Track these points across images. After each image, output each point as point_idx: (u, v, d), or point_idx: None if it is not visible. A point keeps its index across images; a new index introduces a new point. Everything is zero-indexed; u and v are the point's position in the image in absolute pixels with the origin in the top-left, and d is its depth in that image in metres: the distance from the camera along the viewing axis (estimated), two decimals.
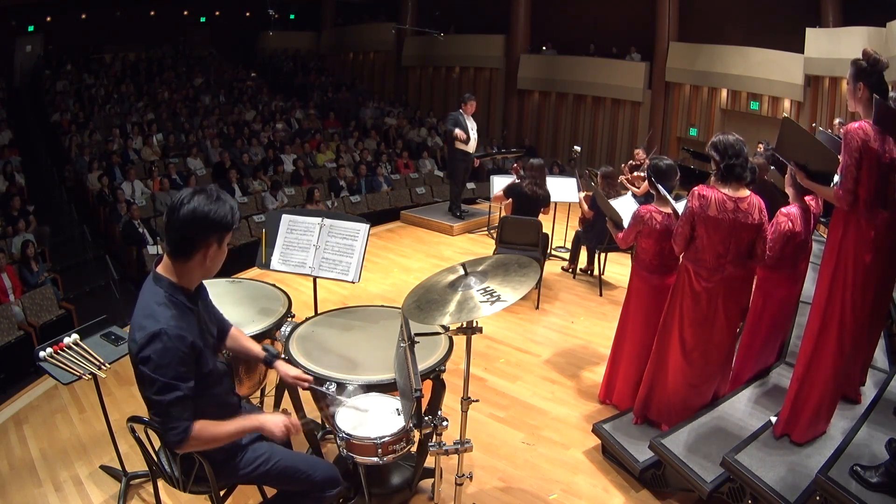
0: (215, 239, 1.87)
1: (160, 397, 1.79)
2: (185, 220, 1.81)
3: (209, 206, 1.83)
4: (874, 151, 2.37)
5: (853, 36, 9.91)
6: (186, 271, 1.90)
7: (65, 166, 10.69)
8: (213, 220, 1.83)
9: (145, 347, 1.79)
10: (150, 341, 1.78)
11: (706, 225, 2.87)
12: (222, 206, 1.85)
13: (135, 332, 1.83)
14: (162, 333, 1.78)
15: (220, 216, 1.84)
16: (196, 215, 1.81)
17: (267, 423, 2.03)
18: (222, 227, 1.86)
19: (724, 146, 2.83)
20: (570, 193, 6.58)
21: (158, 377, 1.78)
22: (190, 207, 1.81)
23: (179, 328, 1.83)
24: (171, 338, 1.79)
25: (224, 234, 1.89)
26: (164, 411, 1.80)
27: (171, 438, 1.83)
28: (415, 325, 2.27)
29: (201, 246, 1.85)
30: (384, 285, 5.84)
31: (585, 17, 14.38)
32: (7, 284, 6.51)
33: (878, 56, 2.35)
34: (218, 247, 1.89)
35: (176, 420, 1.81)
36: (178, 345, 1.80)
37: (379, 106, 16.05)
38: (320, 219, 3.48)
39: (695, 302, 3.02)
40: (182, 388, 1.81)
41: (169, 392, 1.79)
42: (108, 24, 16.36)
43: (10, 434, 3.47)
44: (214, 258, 1.90)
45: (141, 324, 1.82)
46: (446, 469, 2.83)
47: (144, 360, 1.79)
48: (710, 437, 2.98)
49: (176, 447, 1.86)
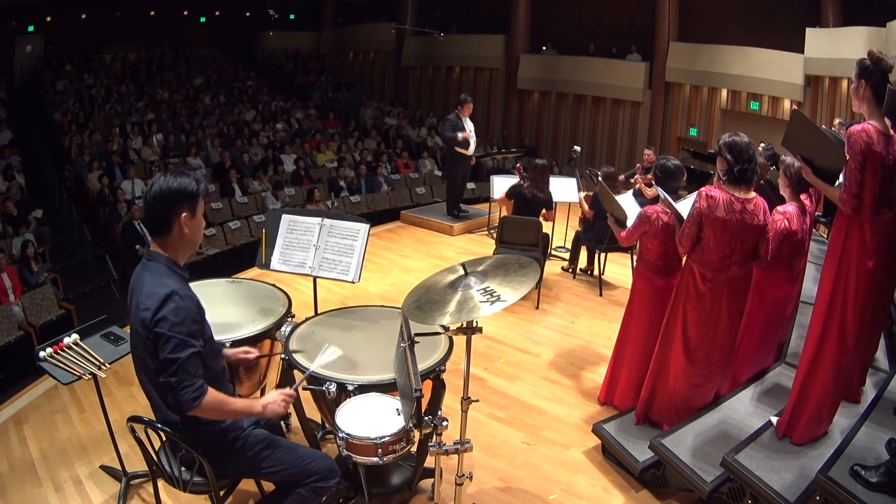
0: (186, 207, 1.99)
1: (177, 354, 1.87)
2: (155, 198, 1.97)
3: (172, 180, 1.98)
4: (878, 154, 2.36)
5: (853, 36, 9.91)
6: (171, 245, 2.03)
7: (65, 166, 10.69)
8: (176, 190, 1.97)
9: (160, 309, 1.89)
10: (164, 302, 1.90)
11: (714, 226, 2.87)
12: (184, 177, 2.00)
13: (145, 301, 1.92)
14: (174, 294, 1.91)
15: (184, 185, 1.98)
16: (162, 191, 1.96)
17: (269, 405, 2.11)
18: (188, 195, 1.98)
19: (740, 149, 2.81)
20: (570, 193, 6.58)
21: (174, 334, 1.88)
22: (157, 186, 1.97)
23: (187, 289, 1.98)
24: (182, 297, 1.93)
25: (194, 202, 2.00)
26: (181, 368, 1.88)
27: (188, 395, 1.89)
28: (415, 325, 2.27)
29: (174, 216, 1.98)
30: (384, 285, 5.84)
31: (585, 17, 14.37)
32: (7, 284, 6.51)
33: (883, 56, 2.35)
34: (191, 214, 2.01)
35: (192, 377, 1.89)
36: (189, 304, 1.95)
37: (379, 106, 16.04)
38: (320, 219, 3.48)
39: (699, 302, 3.02)
40: (196, 344, 1.92)
41: (185, 348, 1.89)
42: (108, 24, 16.34)
43: (10, 434, 3.47)
44: (192, 227, 2.03)
45: (151, 291, 1.93)
46: (446, 469, 2.83)
47: (160, 320, 1.89)
48: (710, 437, 2.98)
49: (190, 405, 1.91)
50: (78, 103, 12.80)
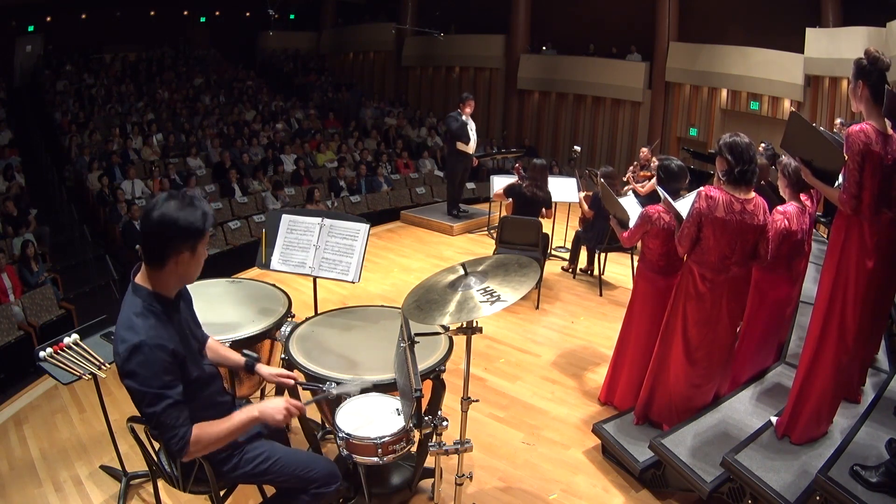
0: (187, 246, 1.80)
1: (152, 409, 1.77)
2: (154, 226, 1.76)
3: (178, 213, 1.76)
4: (876, 154, 2.36)
5: (853, 36, 9.91)
6: (162, 278, 1.85)
7: (65, 166, 10.69)
8: (181, 227, 1.76)
9: (128, 361, 1.76)
10: (132, 354, 1.76)
11: (713, 226, 2.87)
12: (193, 211, 1.78)
13: (118, 345, 1.80)
14: (142, 345, 1.75)
15: (189, 222, 1.77)
16: (164, 221, 1.75)
17: (266, 410, 2.00)
18: (192, 234, 1.79)
19: (740, 151, 2.81)
20: (570, 193, 6.58)
21: (146, 389, 1.76)
22: (159, 213, 1.75)
23: (159, 337, 1.79)
24: (151, 348, 1.76)
25: (196, 242, 1.81)
26: (158, 422, 1.78)
27: (173, 447, 1.82)
28: (415, 325, 2.27)
29: (172, 253, 1.79)
30: (384, 285, 5.84)
31: (585, 17, 14.38)
32: (7, 284, 6.51)
33: (880, 55, 2.34)
34: (191, 254, 1.82)
35: (172, 428, 1.79)
36: (160, 354, 1.77)
37: (379, 106, 16.05)
38: (320, 219, 3.48)
39: (699, 302, 3.01)
40: (171, 395, 1.79)
41: (159, 402, 1.77)
42: (108, 24, 16.35)
43: (10, 434, 3.47)
44: (189, 265, 1.84)
45: (122, 336, 1.80)
46: (446, 469, 2.84)
47: (130, 374, 1.77)
48: (710, 437, 2.98)
49: (179, 455, 1.84)
50: (78, 103, 12.80)
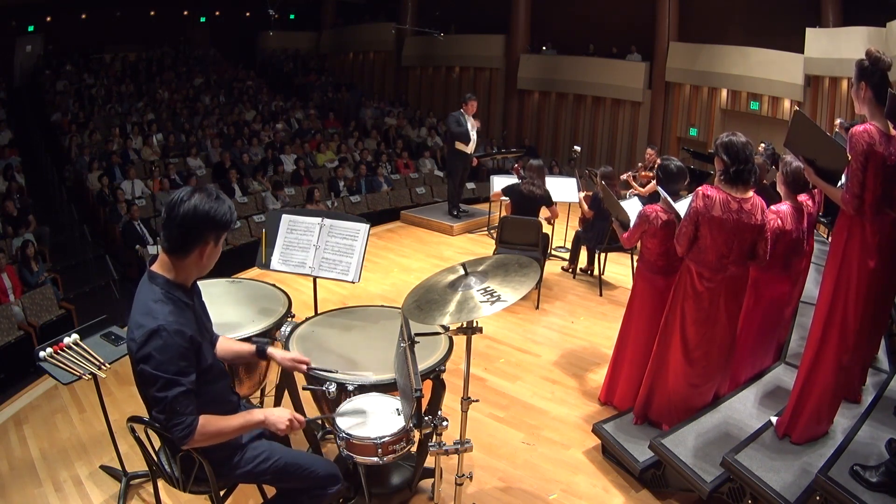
0: (213, 237, 1.90)
1: (163, 393, 1.79)
2: (186, 218, 1.83)
3: (210, 205, 1.85)
4: (879, 154, 2.36)
5: (853, 36, 9.91)
6: (183, 268, 1.91)
7: (65, 166, 10.68)
8: (212, 218, 1.86)
9: (145, 345, 1.79)
10: (150, 338, 1.78)
11: (710, 225, 2.87)
12: (221, 204, 1.89)
13: (133, 331, 1.83)
14: (161, 329, 1.79)
15: (220, 214, 1.88)
16: (197, 213, 1.84)
17: (270, 418, 2.03)
18: (221, 226, 1.89)
19: (736, 150, 2.81)
20: (570, 193, 6.58)
21: (161, 374, 1.78)
22: (191, 205, 1.84)
23: (178, 323, 1.83)
24: (170, 333, 1.80)
25: (221, 233, 1.92)
26: (168, 407, 1.80)
27: (177, 434, 1.83)
28: (415, 325, 2.27)
29: (199, 243, 1.88)
30: (384, 285, 5.84)
31: (585, 17, 14.38)
32: (7, 284, 6.50)
33: (881, 55, 2.33)
34: (215, 245, 1.92)
35: (180, 415, 1.81)
36: (178, 340, 1.81)
37: (379, 106, 16.05)
38: (320, 219, 3.48)
39: (697, 302, 3.01)
40: (184, 382, 1.82)
41: (172, 388, 1.79)
42: (108, 24, 16.35)
43: (10, 434, 3.47)
44: (211, 255, 1.93)
45: (139, 322, 1.82)
46: (446, 469, 2.83)
47: (145, 357, 1.79)
48: (710, 437, 2.98)
49: (181, 443, 1.86)
50: (78, 103, 12.80)
